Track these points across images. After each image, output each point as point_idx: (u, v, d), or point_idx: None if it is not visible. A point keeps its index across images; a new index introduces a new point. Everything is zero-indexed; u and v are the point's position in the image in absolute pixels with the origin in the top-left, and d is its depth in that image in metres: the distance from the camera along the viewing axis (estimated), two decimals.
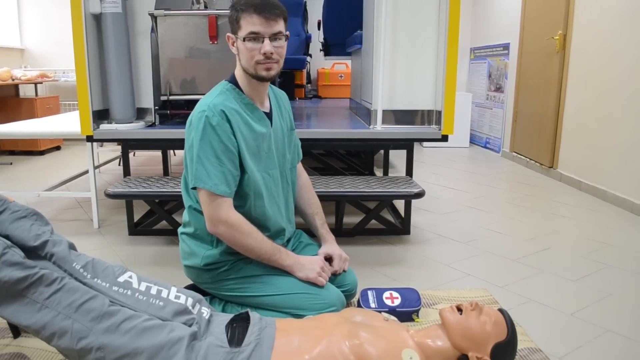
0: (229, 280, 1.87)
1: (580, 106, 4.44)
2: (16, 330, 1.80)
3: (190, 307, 1.51)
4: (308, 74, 6.69)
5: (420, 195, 2.80)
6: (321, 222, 2.10)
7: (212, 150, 1.69)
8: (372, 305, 2.00)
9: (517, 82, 5.62)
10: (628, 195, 3.83)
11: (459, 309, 1.59)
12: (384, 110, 3.03)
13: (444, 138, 2.98)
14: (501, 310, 1.63)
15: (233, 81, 1.83)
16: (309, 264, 1.86)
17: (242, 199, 1.82)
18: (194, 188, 1.75)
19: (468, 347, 1.53)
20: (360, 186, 2.87)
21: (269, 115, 1.90)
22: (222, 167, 1.71)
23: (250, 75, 1.80)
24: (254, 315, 1.58)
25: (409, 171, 3.17)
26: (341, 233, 3.06)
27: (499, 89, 6.11)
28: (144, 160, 5.45)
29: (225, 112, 1.71)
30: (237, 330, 1.50)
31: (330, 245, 2.04)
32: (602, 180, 4.14)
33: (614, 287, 2.47)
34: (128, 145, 3.00)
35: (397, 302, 2.03)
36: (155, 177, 3.01)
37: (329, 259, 2.04)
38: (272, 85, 2.02)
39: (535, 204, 3.98)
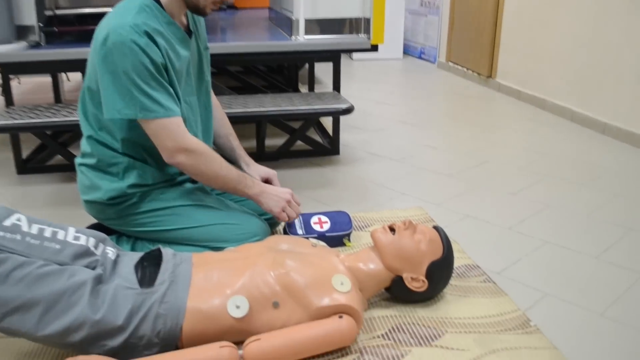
0: (138, 214, 1.83)
1: (519, 11, 4.50)
2: None
3: (92, 248, 1.45)
4: None
5: (349, 111, 2.80)
6: (237, 142, 2.10)
7: (148, 73, 1.63)
8: (300, 232, 2.01)
9: None
10: (567, 103, 3.98)
11: (392, 229, 1.63)
12: (306, 20, 2.98)
13: (374, 48, 2.97)
14: (436, 228, 1.68)
15: None
16: (275, 196, 1.88)
17: None
18: (108, 118, 1.69)
19: (402, 268, 1.58)
20: (283, 104, 2.84)
21: (189, 34, 1.84)
22: (165, 88, 1.67)
23: (192, 6, 1.77)
24: (166, 251, 1.55)
25: (337, 86, 3.15)
26: (263, 156, 3.05)
27: None
28: (31, 88, 5.15)
29: (150, 34, 1.64)
30: (148, 269, 1.47)
31: (254, 166, 2.07)
32: (542, 89, 4.27)
33: (551, 198, 2.59)
34: (8, 69, 2.80)
35: (326, 227, 2.05)
36: (44, 106, 2.85)
37: (265, 182, 2.06)
38: None
39: (473, 116, 4.08)
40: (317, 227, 2.04)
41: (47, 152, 2.95)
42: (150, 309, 1.37)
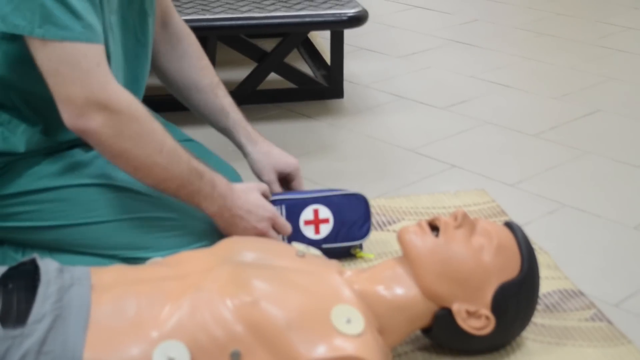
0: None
1: None
2: None
3: None
4: None
5: (359, 20, 2.82)
6: (229, 100, 2.12)
7: None
8: (279, 237, 1.99)
9: None
10: None
11: (434, 227, 1.64)
12: None
13: None
14: (510, 226, 1.69)
15: None
16: (245, 220, 1.88)
17: None
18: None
19: (451, 295, 1.59)
20: (246, 8, 2.84)
21: None
22: None
23: None
24: (47, 264, 1.55)
25: None
26: None
27: None
28: None
29: None
30: (16, 295, 1.48)
31: (264, 146, 2.09)
32: None
33: None
34: None
35: (325, 230, 2.04)
36: None
37: (282, 180, 2.09)
38: None
39: (572, 29, 4.12)
40: (309, 232, 2.04)
41: None
42: None
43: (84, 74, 1.68)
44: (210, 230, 1.89)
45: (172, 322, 1.44)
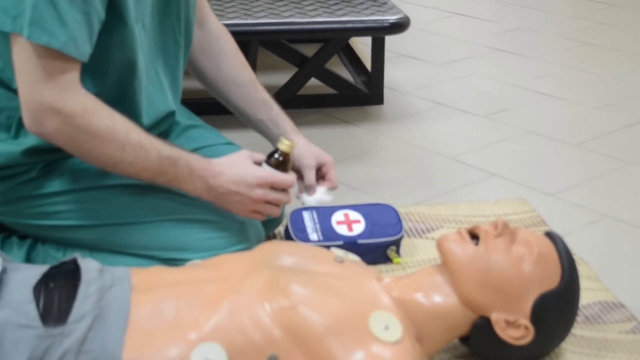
0: (39, 198, 1.85)
1: None
2: None
3: None
4: None
5: (401, 27, 2.82)
6: (266, 95, 2.13)
7: None
8: (313, 236, 2.03)
9: None
10: None
11: (474, 236, 1.63)
12: None
13: None
14: (550, 236, 1.69)
15: None
16: (235, 193, 1.84)
17: (97, 77, 1.79)
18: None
19: (491, 304, 1.58)
20: (288, 13, 2.85)
21: None
22: (87, 4, 1.65)
23: None
24: (88, 264, 1.56)
25: None
26: None
27: None
28: None
29: None
30: (57, 294, 1.49)
31: (300, 141, 2.06)
32: None
33: None
34: None
35: (358, 228, 2.06)
36: None
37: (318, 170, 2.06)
38: None
39: (616, 39, 4.09)
40: (342, 230, 2.05)
41: None
42: None
43: (48, 76, 1.67)
44: (251, 233, 1.90)
45: (211, 325, 1.45)
